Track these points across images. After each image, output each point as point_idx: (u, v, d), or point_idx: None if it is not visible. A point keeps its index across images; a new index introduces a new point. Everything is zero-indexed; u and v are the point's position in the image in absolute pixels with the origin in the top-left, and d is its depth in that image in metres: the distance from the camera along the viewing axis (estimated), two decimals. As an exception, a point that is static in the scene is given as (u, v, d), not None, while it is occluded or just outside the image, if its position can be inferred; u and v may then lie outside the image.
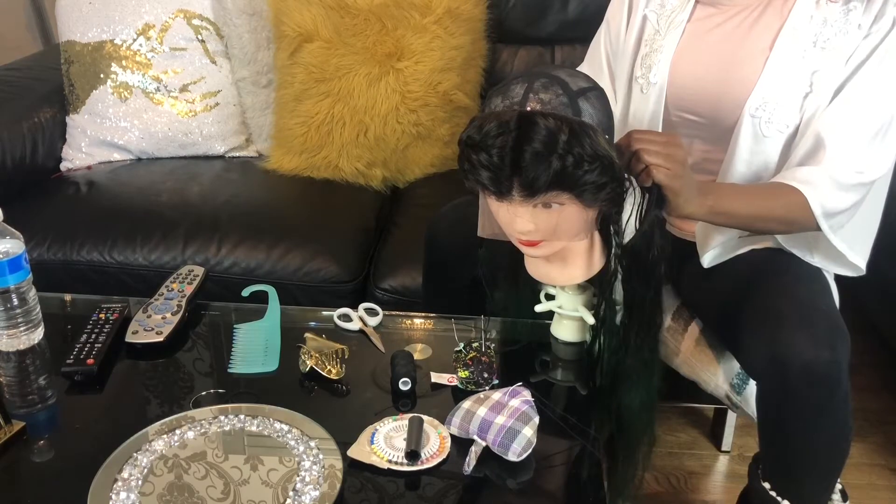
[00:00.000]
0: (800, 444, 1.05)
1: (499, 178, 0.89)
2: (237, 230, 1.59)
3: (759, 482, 1.13)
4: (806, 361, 0.98)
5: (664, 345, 1.30)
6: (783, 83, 1.09)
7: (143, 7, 1.83)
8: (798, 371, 0.98)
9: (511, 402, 0.96)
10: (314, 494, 0.87)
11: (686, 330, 1.28)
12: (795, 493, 1.09)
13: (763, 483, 1.12)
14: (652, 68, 1.19)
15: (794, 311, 1.03)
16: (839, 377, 0.99)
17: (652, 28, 1.21)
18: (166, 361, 1.13)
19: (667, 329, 1.30)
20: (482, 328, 1.15)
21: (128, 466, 0.90)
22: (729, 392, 1.22)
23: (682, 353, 1.27)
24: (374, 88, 1.75)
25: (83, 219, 1.63)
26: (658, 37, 1.20)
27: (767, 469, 1.12)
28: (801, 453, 1.06)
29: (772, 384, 1.03)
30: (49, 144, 1.84)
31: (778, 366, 0.99)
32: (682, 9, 1.18)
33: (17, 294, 1.10)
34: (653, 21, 1.21)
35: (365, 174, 1.81)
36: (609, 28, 1.30)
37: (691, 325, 1.28)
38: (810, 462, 1.07)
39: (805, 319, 1.02)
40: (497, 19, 1.86)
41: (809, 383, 0.98)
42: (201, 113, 1.86)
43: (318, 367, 1.07)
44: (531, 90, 0.90)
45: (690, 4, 1.18)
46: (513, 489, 0.92)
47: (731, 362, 1.22)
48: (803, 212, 1.05)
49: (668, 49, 1.18)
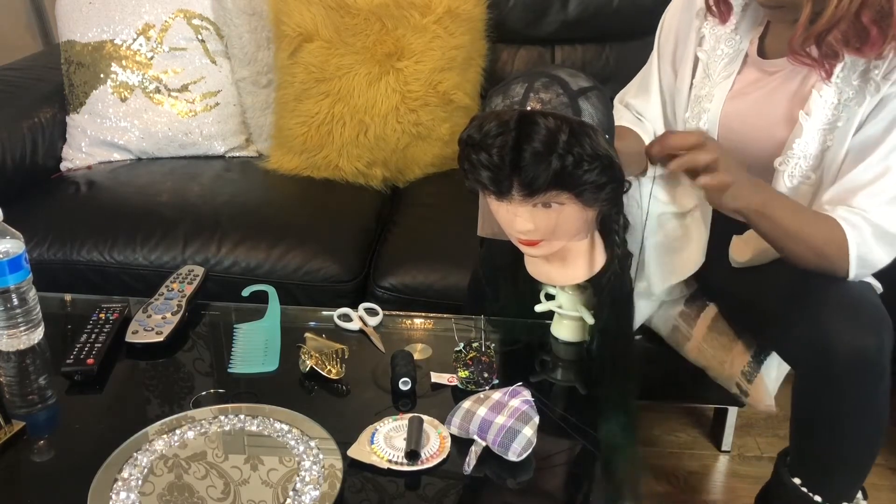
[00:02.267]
0: (838, 435, 1.04)
1: (499, 177, 0.89)
2: (237, 230, 1.59)
3: (788, 477, 1.12)
4: (853, 348, 0.97)
5: (676, 330, 1.30)
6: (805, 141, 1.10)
7: (143, 7, 1.83)
8: (844, 358, 0.97)
9: (511, 402, 0.96)
10: (314, 494, 0.87)
11: (699, 316, 1.28)
12: (827, 489, 1.09)
13: (793, 479, 1.11)
14: (702, 116, 1.20)
15: (837, 297, 1.03)
16: (884, 365, 0.99)
17: (703, 71, 1.22)
18: (166, 361, 1.13)
19: (679, 314, 1.30)
20: (482, 328, 1.15)
21: (128, 466, 0.90)
22: (740, 380, 1.22)
23: (693, 338, 1.27)
24: (374, 88, 1.75)
25: (83, 219, 1.63)
26: (707, 82, 1.21)
27: (798, 463, 1.11)
28: (837, 445, 1.05)
29: (814, 372, 1.03)
30: (49, 144, 1.84)
31: (821, 353, 0.99)
32: (734, 61, 1.19)
33: (17, 294, 1.10)
34: (703, 62, 1.22)
35: (365, 174, 1.81)
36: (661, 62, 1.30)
37: (704, 311, 1.28)
38: (846, 455, 1.06)
39: (850, 306, 1.02)
40: (497, 19, 1.86)
41: (855, 370, 0.98)
42: (201, 113, 1.86)
43: (318, 367, 1.07)
44: (531, 90, 0.90)
45: (741, 58, 1.18)
46: (513, 489, 0.92)
47: (742, 350, 1.22)
48: (839, 251, 1.04)
49: (717, 99, 1.19)
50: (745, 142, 1.17)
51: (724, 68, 1.19)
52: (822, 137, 1.09)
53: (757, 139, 1.16)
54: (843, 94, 1.07)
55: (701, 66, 1.22)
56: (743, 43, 1.18)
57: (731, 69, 1.18)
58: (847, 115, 1.07)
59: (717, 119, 1.19)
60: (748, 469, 1.67)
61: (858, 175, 1.06)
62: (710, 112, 1.20)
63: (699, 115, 1.21)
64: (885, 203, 1.04)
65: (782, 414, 1.59)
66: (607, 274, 1.02)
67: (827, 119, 1.09)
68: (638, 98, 1.32)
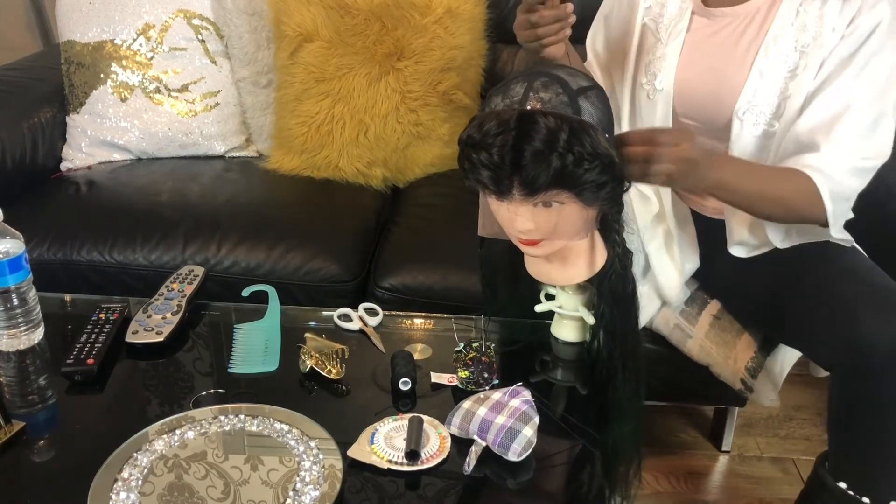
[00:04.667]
0: (881, 430, 1.03)
1: (499, 177, 0.89)
2: (237, 230, 1.58)
3: (831, 482, 1.10)
4: (890, 339, 0.97)
5: (678, 328, 1.31)
6: (765, 88, 1.13)
7: (143, 7, 1.83)
8: (882, 351, 0.97)
9: (511, 402, 0.95)
10: (314, 494, 0.87)
11: (700, 314, 1.29)
12: (874, 488, 1.07)
13: (837, 483, 1.09)
14: (657, 76, 1.22)
15: (869, 295, 1.04)
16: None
17: (652, 37, 1.24)
18: (166, 361, 1.13)
19: (681, 313, 1.30)
20: (482, 328, 1.15)
21: (128, 466, 0.90)
22: (744, 376, 1.22)
23: (695, 336, 1.27)
24: (374, 88, 1.75)
25: (83, 219, 1.63)
26: (660, 45, 1.23)
27: (840, 466, 1.10)
28: (882, 442, 1.04)
29: (852, 370, 1.02)
30: (49, 144, 1.84)
31: (858, 350, 0.99)
32: (681, 18, 1.21)
33: (17, 294, 1.10)
34: (652, 29, 1.24)
35: (365, 174, 1.81)
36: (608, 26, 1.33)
37: (706, 308, 1.28)
38: (888, 453, 1.05)
39: (883, 303, 1.02)
40: (497, 19, 1.86)
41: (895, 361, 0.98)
42: (201, 113, 1.86)
43: (318, 367, 1.07)
44: (531, 89, 0.90)
45: (688, 14, 1.21)
46: (513, 489, 0.92)
47: (746, 346, 1.22)
48: (810, 197, 1.05)
49: (671, 57, 1.21)
50: (702, 96, 1.19)
51: (674, 28, 1.21)
52: (783, 85, 1.11)
53: (713, 91, 1.17)
54: (800, 40, 1.09)
55: (649, 32, 1.25)
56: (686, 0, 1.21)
57: (680, 27, 1.21)
58: (806, 62, 1.09)
59: (672, 78, 1.21)
60: (748, 469, 1.67)
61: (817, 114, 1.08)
62: (665, 71, 1.21)
63: (654, 76, 1.22)
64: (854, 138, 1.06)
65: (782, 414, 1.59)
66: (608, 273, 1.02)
67: (787, 66, 1.11)
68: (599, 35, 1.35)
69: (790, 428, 1.77)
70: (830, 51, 1.08)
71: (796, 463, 1.68)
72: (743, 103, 1.14)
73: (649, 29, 1.25)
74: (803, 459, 1.68)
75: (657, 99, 1.23)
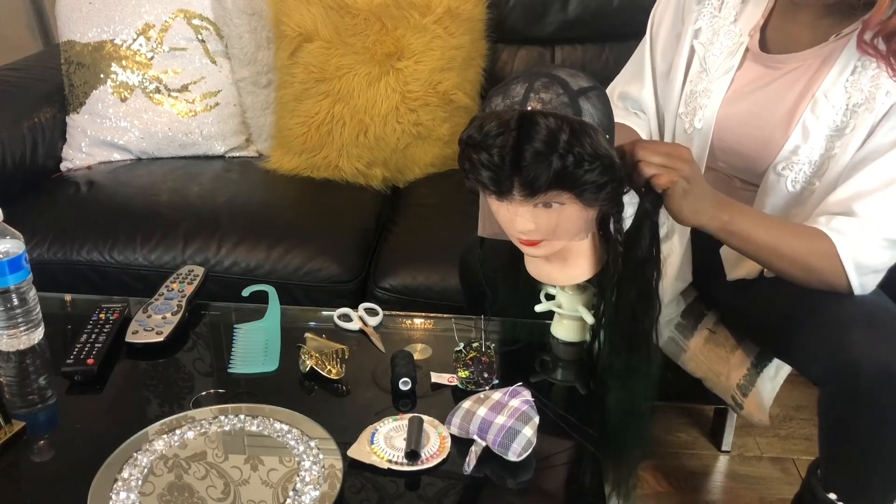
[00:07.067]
0: (869, 448, 1.02)
1: (499, 177, 0.89)
2: (237, 230, 1.59)
3: (822, 493, 1.10)
4: (878, 364, 0.95)
5: (672, 341, 1.30)
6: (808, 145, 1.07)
7: (143, 7, 1.83)
8: (871, 374, 0.96)
9: (511, 402, 0.95)
10: (314, 494, 0.87)
11: (696, 327, 1.27)
12: (863, 500, 1.07)
13: (828, 495, 1.09)
14: (697, 112, 1.17)
15: (859, 313, 1.01)
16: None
17: (699, 65, 1.18)
18: (166, 361, 1.13)
19: (676, 326, 1.29)
20: (482, 328, 1.15)
21: (128, 466, 0.90)
22: (735, 392, 1.22)
23: (690, 350, 1.27)
24: (373, 88, 1.75)
25: (83, 219, 1.63)
26: (704, 77, 1.17)
27: (830, 477, 1.09)
28: (869, 458, 1.03)
29: (840, 389, 1.00)
30: (49, 144, 1.84)
31: (846, 371, 0.97)
32: (734, 55, 1.14)
33: (17, 294, 1.10)
34: (700, 55, 1.18)
35: (365, 174, 1.81)
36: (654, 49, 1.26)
37: (701, 322, 1.28)
38: (879, 467, 1.04)
39: (873, 322, 1.00)
40: (497, 19, 1.86)
41: (883, 385, 0.96)
42: (201, 113, 1.86)
43: (318, 367, 1.07)
44: (532, 89, 0.90)
45: (741, 52, 1.14)
46: (513, 489, 0.92)
47: (739, 362, 1.22)
48: (829, 262, 1.01)
49: (716, 95, 1.15)
50: (741, 143, 1.14)
51: (723, 63, 1.15)
52: (829, 143, 1.06)
53: (754, 140, 1.13)
54: (853, 99, 1.03)
55: (697, 60, 1.18)
56: (743, 36, 1.14)
57: (731, 64, 1.14)
58: (855, 122, 1.04)
59: (713, 118, 1.16)
60: (748, 469, 1.67)
61: (861, 183, 1.02)
62: (707, 109, 1.15)
63: (694, 112, 1.17)
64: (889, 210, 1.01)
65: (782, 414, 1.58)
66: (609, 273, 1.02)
67: (835, 124, 1.05)
68: (632, 85, 1.28)
69: (790, 428, 1.77)
70: (882, 116, 1.02)
71: (796, 463, 1.68)
72: (782, 158, 1.09)
73: (697, 55, 1.18)
74: (803, 459, 1.68)
75: (693, 136, 1.18)
